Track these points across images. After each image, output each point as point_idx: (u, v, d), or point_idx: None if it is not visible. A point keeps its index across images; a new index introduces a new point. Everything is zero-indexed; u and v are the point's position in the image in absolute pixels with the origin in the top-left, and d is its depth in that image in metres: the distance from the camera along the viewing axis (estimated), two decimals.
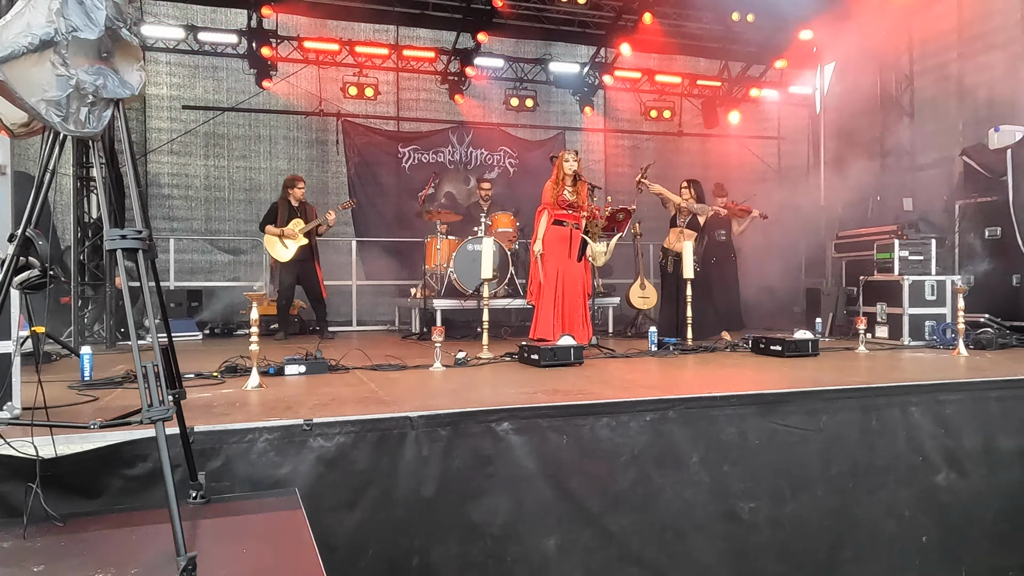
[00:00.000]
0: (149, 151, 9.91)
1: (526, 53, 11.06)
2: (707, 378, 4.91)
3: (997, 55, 9.28)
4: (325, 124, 10.74)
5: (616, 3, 10.19)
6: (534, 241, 6.74)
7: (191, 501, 2.56)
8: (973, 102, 9.64)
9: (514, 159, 11.55)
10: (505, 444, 3.36)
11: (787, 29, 10.33)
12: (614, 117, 12.11)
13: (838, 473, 3.84)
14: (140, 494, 2.75)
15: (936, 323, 6.89)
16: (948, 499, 4.02)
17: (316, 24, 10.35)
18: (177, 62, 10.08)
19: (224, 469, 2.93)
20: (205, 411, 3.39)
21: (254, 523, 2.51)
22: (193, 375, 4.59)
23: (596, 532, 3.41)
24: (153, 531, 2.28)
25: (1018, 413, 4.25)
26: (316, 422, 3.11)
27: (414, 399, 3.80)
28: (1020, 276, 6.92)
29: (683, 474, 3.59)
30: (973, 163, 7.62)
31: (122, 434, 2.76)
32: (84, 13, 2.12)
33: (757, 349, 6.18)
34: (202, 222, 10.32)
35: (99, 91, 2.15)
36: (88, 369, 4.46)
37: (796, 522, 3.73)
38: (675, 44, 10.83)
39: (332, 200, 10.49)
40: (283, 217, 7.95)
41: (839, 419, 3.92)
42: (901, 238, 7.52)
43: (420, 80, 11.17)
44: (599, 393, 3.93)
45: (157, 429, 2.07)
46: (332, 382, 4.50)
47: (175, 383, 2.42)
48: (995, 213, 7.22)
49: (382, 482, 3.13)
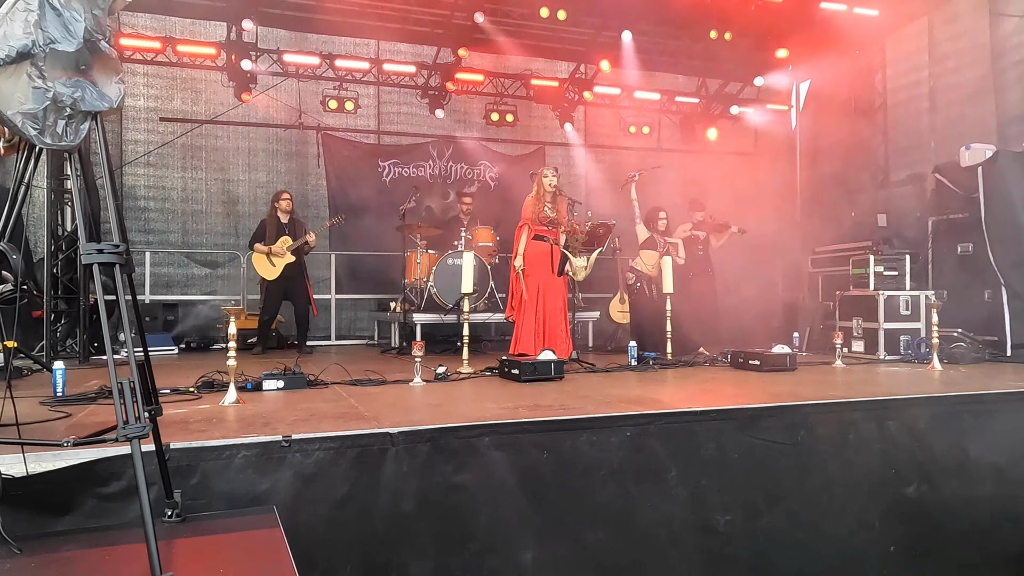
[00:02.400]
0: (125, 163, 9.80)
1: (506, 68, 11.11)
2: (687, 393, 4.93)
3: (967, 75, 9.49)
4: (305, 137, 10.70)
5: (596, 20, 10.29)
6: (514, 257, 6.77)
7: (167, 520, 2.52)
8: (945, 120, 9.85)
9: (494, 173, 11.58)
10: (485, 459, 3.35)
11: (764, 47, 10.49)
12: (594, 132, 12.19)
13: (812, 486, 3.88)
14: (114, 513, 2.70)
15: (911, 338, 6.99)
16: (918, 511, 4.06)
17: (296, 37, 10.34)
18: (155, 74, 10.00)
19: (201, 487, 2.89)
20: (181, 427, 3.34)
21: (231, 542, 2.47)
22: (169, 390, 4.53)
23: (573, 545, 3.41)
24: (128, 551, 2.24)
25: (990, 427, 4.31)
26: (295, 438, 3.08)
27: (394, 415, 3.78)
28: (992, 291, 7.04)
29: (661, 488, 3.60)
30: (945, 180, 7.77)
31: (96, 451, 2.71)
32: (62, 25, 2.10)
33: (736, 363, 6.23)
34: (179, 235, 10.20)
35: (77, 104, 2.12)
36: (61, 384, 4.38)
37: (769, 534, 3.76)
38: (654, 61, 10.95)
39: (312, 213, 10.45)
40: (271, 234, 7.90)
41: (816, 433, 3.95)
42: (876, 254, 7.63)
43: (401, 94, 11.18)
44: (580, 408, 3.94)
45: (133, 447, 2.04)
46: (311, 397, 4.46)
47: (151, 399, 2.38)
48: (967, 229, 7.35)
49: (361, 498, 3.11)
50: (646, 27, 10.23)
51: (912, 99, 10.49)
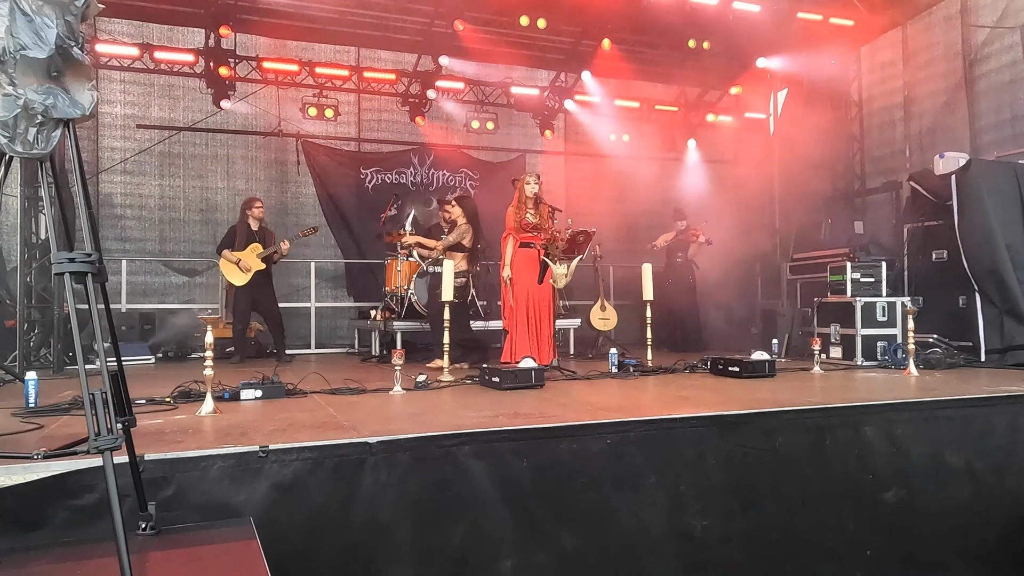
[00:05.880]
0: (101, 171, 9.68)
1: (487, 76, 11.13)
2: (667, 399, 4.94)
3: (940, 84, 9.65)
4: (284, 144, 10.63)
5: (575, 29, 10.35)
6: (503, 267, 6.79)
7: (140, 533, 2.48)
8: (919, 129, 10.00)
9: (475, 181, 11.58)
10: (465, 468, 3.33)
11: (742, 56, 10.61)
12: (574, 140, 12.24)
13: (789, 492, 3.90)
14: (87, 526, 2.66)
15: (888, 343, 7.07)
16: (895, 515, 4.10)
17: (276, 44, 10.28)
18: (131, 80, 9.90)
19: (176, 498, 2.85)
20: (156, 438, 3.29)
21: (206, 554, 2.44)
22: (144, 400, 4.47)
23: (551, 553, 3.40)
24: (100, 565, 2.20)
25: (966, 431, 4.37)
26: (272, 448, 3.04)
27: (373, 424, 3.75)
28: (966, 298, 7.14)
29: (640, 495, 3.61)
30: (920, 188, 7.87)
31: (68, 464, 2.66)
32: (33, 31, 2.07)
33: (716, 370, 6.26)
34: (156, 243, 10.08)
35: (49, 111, 2.10)
36: (33, 395, 4.31)
37: (746, 539, 3.77)
38: (633, 70, 11.01)
39: (291, 221, 10.39)
40: (241, 241, 7.84)
41: (794, 439, 3.98)
42: (853, 260, 7.71)
43: (381, 101, 11.15)
44: (560, 416, 3.93)
45: (104, 459, 2.01)
46: (289, 407, 4.41)
47: (124, 410, 2.35)
48: (941, 237, 7.45)
49: (339, 509, 3.08)
50: (625, 36, 10.32)
51: (887, 108, 10.66)
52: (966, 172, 7.25)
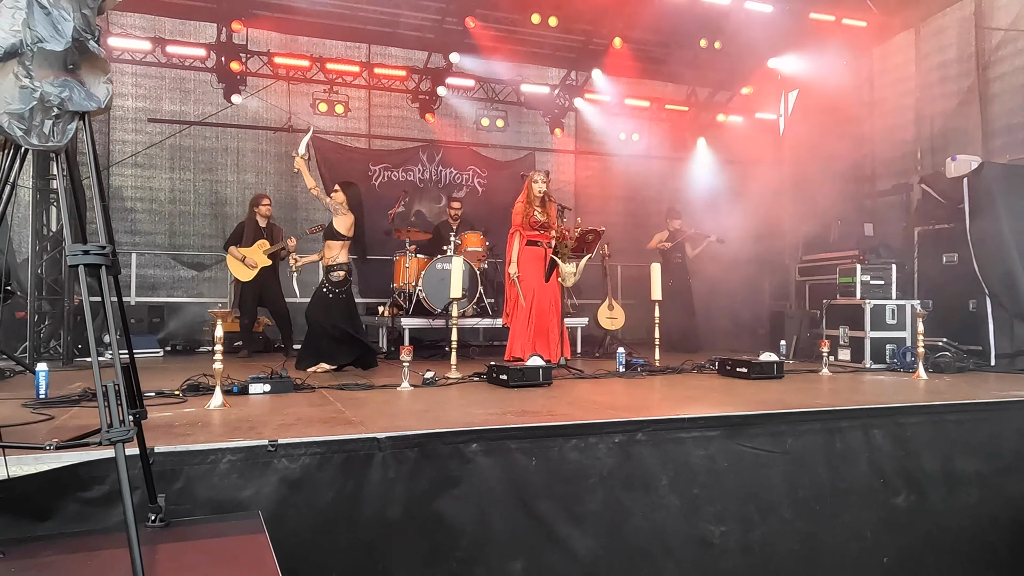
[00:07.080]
0: (113, 164, 9.72)
1: (497, 74, 11.10)
2: (675, 400, 4.93)
3: (953, 86, 9.58)
4: (294, 139, 10.62)
5: (587, 27, 10.32)
6: (508, 264, 6.77)
7: (150, 525, 2.49)
8: (930, 131, 9.93)
9: (483, 179, 11.57)
10: (473, 466, 3.33)
11: (753, 57, 10.55)
12: (584, 139, 12.21)
13: (804, 496, 3.88)
14: (96, 517, 2.67)
15: (897, 346, 7.04)
16: (908, 520, 4.08)
17: (287, 40, 10.30)
18: (144, 74, 9.92)
19: (185, 491, 2.86)
20: (166, 431, 3.31)
21: (215, 547, 2.44)
22: (154, 393, 4.49)
23: (563, 555, 3.39)
24: (110, 556, 2.21)
25: (975, 435, 4.35)
26: (281, 443, 3.05)
27: (381, 420, 3.75)
28: (976, 302, 7.10)
29: (652, 497, 3.59)
30: (931, 191, 7.83)
31: (79, 455, 2.68)
32: (51, 24, 2.07)
33: (723, 371, 6.25)
34: (166, 236, 10.12)
35: (64, 104, 2.10)
36: (44, 387, 4.34)
37: (766, 547, 3.75)
38: (644, 68, 10.98)
39: (300, 216, 10.41)
40: (249, 237, 7.87)
41: (804, 441, 3.96)
42: (863, 263, 7.67)
43: (391, 98, 11.15)
44: (568, 414, 3.93)
45: (116, 451, 2.01)
46: (297, 402, 4.43)
47: (136, 402, 2.36)
48: (952, 240, 7.41)
49: (347, 505, 3.08)
50: (636, 35, 10.28)
51: (899, 109, 10.58)
52: (978, 175, 7.20)
